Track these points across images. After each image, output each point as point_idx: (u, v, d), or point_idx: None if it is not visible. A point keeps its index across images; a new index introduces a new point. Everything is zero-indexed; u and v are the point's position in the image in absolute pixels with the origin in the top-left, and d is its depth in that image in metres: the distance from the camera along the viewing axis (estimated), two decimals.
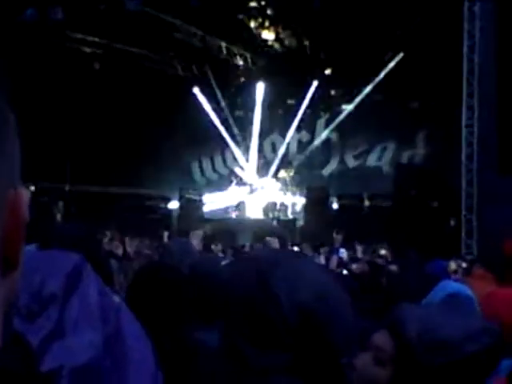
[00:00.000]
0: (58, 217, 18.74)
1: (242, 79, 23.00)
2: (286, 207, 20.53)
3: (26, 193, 0.66)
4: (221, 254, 10.46)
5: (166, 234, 11.57)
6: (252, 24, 20.89)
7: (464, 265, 7.71)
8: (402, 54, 19.80)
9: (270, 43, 21.78)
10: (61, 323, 0.73)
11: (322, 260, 9.48)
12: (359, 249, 10.93)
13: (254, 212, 20.61)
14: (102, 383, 0.72)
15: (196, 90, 22.12)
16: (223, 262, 3.82)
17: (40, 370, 0.69)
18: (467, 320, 1.77)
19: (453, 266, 7.29)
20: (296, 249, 13.45)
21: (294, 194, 20.77)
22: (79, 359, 0.71)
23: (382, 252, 11.52)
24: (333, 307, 1.44)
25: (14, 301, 0.69)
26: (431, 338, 1.64)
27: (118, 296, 0.83)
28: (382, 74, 20.51)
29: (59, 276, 0.74)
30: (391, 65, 20.25)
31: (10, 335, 0.69)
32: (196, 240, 5.66)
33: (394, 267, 6.90)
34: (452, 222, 17.19)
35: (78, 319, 0.73)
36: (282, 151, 22.37)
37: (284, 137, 22.41)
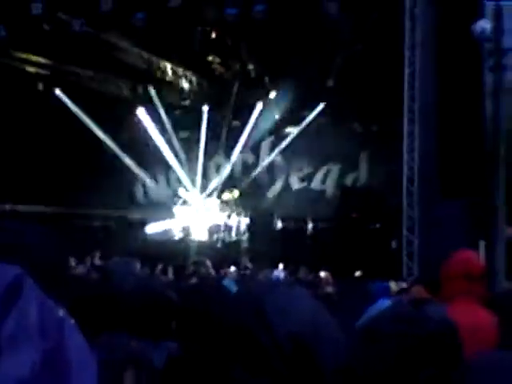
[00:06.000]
0: None
1: (188, 101, 22.99)
2: (231, 228, 20.48)
3: None
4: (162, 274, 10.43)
5: (97, 254, 11.36)
6: (197, 47, 20.92)
7: (404, 285, 7.84)
8: (344, 78, 20.05)
9: (215, 66, 21.85)
10: None
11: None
12: (302, 270, 10.99)
13: (199, 233, 20.50)
14: None
15: (140, 111, 21.98)
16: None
17: None
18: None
19: (394, 287, 7.40)
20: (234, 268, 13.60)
21: (238, 215, 20.75)
22: (13, 378, 0.70)
23: (322, 274, 11.57)
24: (323, 334, 1.48)
25: None
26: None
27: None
28: (325, 98, 20.73)
29: None
30: (334, 89, 20.51)
31: None
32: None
33: (330, 289, 6.96)
34: (394, 244, 17.38)
35: (14, 336, 0.71)
36: (226, 173, 22.36)
37: (229, 159, 22.42)
